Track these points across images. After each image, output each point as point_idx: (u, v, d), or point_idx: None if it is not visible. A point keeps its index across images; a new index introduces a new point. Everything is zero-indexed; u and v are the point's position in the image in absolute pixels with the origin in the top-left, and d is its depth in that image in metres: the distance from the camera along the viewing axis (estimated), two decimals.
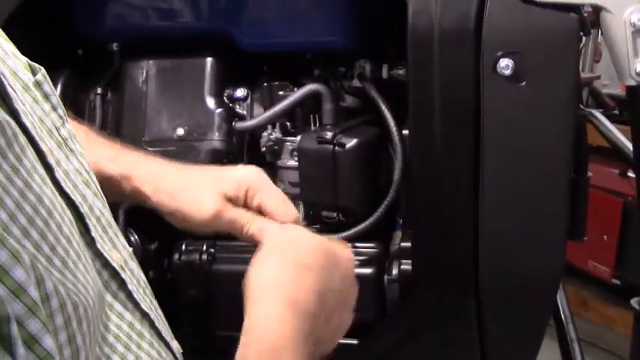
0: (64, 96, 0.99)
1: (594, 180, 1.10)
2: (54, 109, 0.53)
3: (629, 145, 0.93)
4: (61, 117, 0.53)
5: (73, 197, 0.47)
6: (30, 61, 0.55)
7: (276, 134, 0.98)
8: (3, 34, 0.54)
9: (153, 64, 0.97)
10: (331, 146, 0.89)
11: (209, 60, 0.96)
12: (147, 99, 0.96)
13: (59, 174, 0.46)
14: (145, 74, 0.97)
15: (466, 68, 0.76)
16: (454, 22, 0.75)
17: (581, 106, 1.12)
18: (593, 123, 1.08)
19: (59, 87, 0.99)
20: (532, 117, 0.77)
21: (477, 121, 0.78)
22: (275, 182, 1.00)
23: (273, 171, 1.01)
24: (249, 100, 0.99)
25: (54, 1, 0.98)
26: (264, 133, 0.98)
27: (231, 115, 0.96)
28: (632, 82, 0.76)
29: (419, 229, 0.84)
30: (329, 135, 0.90)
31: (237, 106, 0.99)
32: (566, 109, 0.77)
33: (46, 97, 0.52)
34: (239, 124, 0.95)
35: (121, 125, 0.98)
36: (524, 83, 0.76)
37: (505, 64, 0.75)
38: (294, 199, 0.97)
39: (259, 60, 1.00)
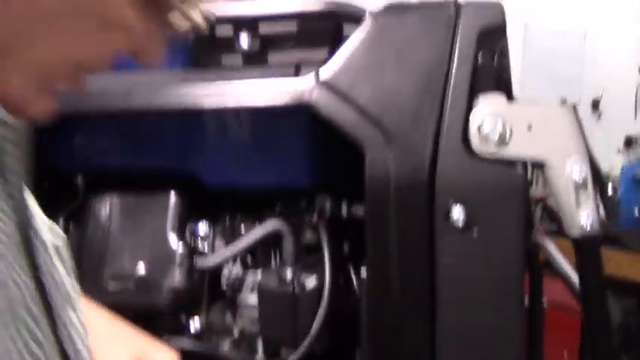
0: None
1: (552, 296, 1.12)
2: (68, 273, 0.53)
3: None
4: (72, 282, 0.53)
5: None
6: (53, 224, 0.55)
7: (237, 270, 1.00)
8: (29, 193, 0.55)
9: (116, 198, 0.99)
10: (291, 287, 0.91)
11: (171, 196, 0.98)
12: (110, 234, 0.97)
13: (63, 335, 0.47)
14: (108, 209, 0.99)
15: (420, 217, 0.80)
16: (408, 173, 0.79)
17: (534, 229, 1.16)
18: (545, 252, 1.12)
19: None
20: (483, 266, 0.80)
21: (432, 266, 0.80)
22: (235, 318, 1.01)
23: (234, 307, 1.01)
24: (211, 236, 1.01)
25: None
26: (225, 270, 0.99)
27: (192, 253, 0.97)
28: (576, 234, 0.80)
29: None
30: (289, 275, 0.91)
31: (200, 241, 1.00)
32: (516, 256, 0.80)
33: (63, 261, 0.53)
34: (200, 263, 0.96)
35: (82, 260, 0.98)
36: (475, 233, 0.79)
37: (457, 216, 0.79)
38: (253, 335, 0.98)
39: (222, 195, 1.02)
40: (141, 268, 0.95)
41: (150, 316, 0.94)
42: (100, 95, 0.91)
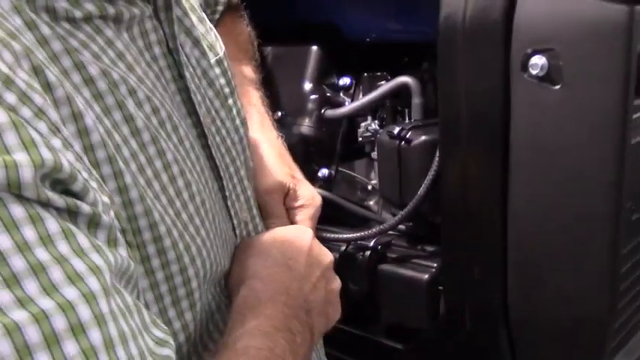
0: None
1: None
2: (228, 85, 0.61)
3: None
4: (233, 93, 0.61)
5: (219, 165, 0.56)
6: (215, 41, 0.64)
7: (374, 125, 0.98)
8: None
9: (269, 50, 1.04)
10: (397, 141, 0.86)
11: (313, 49, 0.99)
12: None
13: (212, 140, 0.55)
14: (264, 60, 1.05)
15: (494, 66, 0.67)
16: (481, 12, 0.67)
17: None
18: None
19: None
20: (567, 127, 0.65)
21: (506, 126, 0.68)
22: (369, 173, 1.01)
23: (369, 162, 1.00)
24: (352, 90, 1.00)
25: None
26: (363, 124, 0.98)
27: (324, 103, 0.98)
28: None
29: (446, 239, 0.77)
30: (396, 130, 0.86)
31: (341, 94, 1.00)
32: (611, 120, 0.63)
33: (224, 74, 0.61)
34: (329, 112, 0.97)
35: None
36: (558, 86, 0.64)
37: (536, 63, 0.65)
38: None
39: (367, 52, 1.00)
40: (278, 114, 1.00)
41: None
42: None
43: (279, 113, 1.00)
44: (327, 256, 0.66)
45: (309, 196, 0.72)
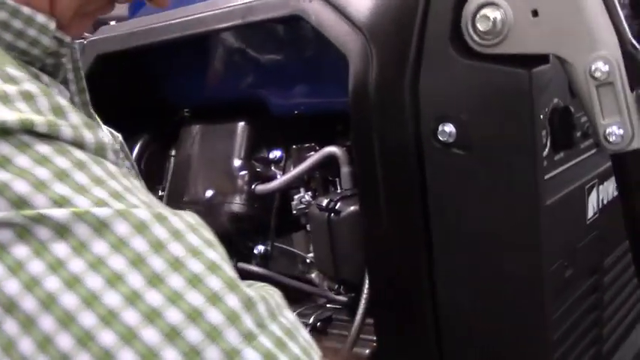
0: (139, 157, 1.09)
1: None
2: (132, 168, 0.61)
3: None
4: (137, 175, 0.60)
5: None
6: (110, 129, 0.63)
7: (307, 197, 0.96)
8: None
9: (200, 129, 1.03)
10: (326, 213, 0.85)
11: (240, 124, 0.99)
12: (191, 161, 1.03)
13: None
14: (194, 138, 1.04)
15: (405, 134, 0.67)
16: (387, 82, 0.67)
17: None
18: None
19: (137, 148, 1.10)
20: (481, 191, 0.64)
21: (423, 192, 0.67)
22: (307, 245, 0.99)
23: (306, 234, 0.99)
24: (283, 163, 0.99)
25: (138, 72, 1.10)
26: (296, 196, 0.97)
27: (254, 178, 0.97)
28: (606, 148, 0.59)
29: (376, 310, 0.75)
30: (325, 202, 0.85)
31: (272, 168, 0.99)
32: (522, 182, 0.62)
33: (127, 157, 0.61)
34: (259, 187, 0.96)
35: (174, 186, 1.05)
36: (468, 152, 0.64)
37: (444, 130, 0.65)
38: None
39: (295, 124, 1.00)
40: (209, 193, 0.98)
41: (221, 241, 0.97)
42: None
43: (210, 192, 0.98)
44: None
45: None
